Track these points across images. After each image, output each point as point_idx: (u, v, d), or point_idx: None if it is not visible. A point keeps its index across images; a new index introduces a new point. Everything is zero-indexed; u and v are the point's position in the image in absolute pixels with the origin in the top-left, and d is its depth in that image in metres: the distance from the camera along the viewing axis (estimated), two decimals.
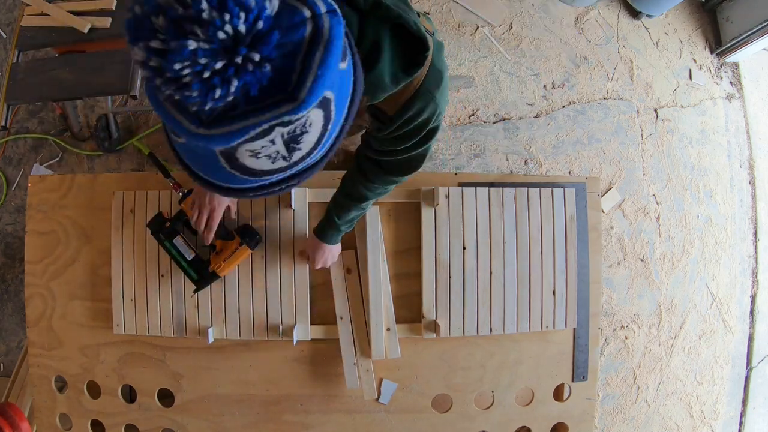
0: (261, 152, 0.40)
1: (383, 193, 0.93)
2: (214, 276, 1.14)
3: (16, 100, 1.43)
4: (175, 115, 0.36)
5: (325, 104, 0.39)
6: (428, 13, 2.14)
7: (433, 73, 0.66)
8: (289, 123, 0.37)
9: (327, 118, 0.41)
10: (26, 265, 1.25)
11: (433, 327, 1.19)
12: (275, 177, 0.45)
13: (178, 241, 1.13)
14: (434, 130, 0.74)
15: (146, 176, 1.23)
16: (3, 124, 1.41)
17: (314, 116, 0.39)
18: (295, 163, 0.43)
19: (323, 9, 0.37)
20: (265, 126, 0.36)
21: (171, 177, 1.13)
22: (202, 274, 1.13)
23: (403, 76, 0.62)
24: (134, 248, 1.19)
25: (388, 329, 1.18)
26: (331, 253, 1.12)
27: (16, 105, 1.85)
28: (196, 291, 1.14)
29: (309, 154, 0.43)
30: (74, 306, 1.23)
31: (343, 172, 0.97)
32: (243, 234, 1.13)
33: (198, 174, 0.46)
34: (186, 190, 1.13)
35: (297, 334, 1.16)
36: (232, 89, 0.33)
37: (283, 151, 0.41)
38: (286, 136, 0.39)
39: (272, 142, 0.39)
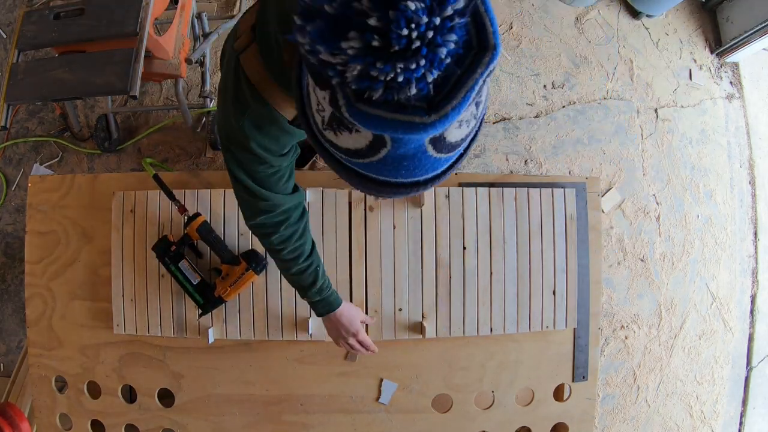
0: (464, 118, 0.39)
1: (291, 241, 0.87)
2: (220, 301, 1.14)
3: (16, 100, 1.43)
4: (399, 118, 0.34)
5: None
6: None
7: None
8: (491, 73, 0.35)
9: None
10: (26, 265, 1.25)
11: (433, 327, 1.19)
12: (467, 141, 0.44)
13: (184, 265, 1.13)
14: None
15: (146, 176, 1.23)
16: (3, 124, 1.40)
17: None
18: (478, 120, 0.43)
19: None
20: (480, 82, 0.34)
21: (176, 200, 1.13)
22: (207, 298, 1.14)
23: None
24: (134, 248, 1.19)
25: (400, 309, 1.18)
26: (345, 318, 1.01)
27: (16, 105, 1.85)
28: (201, 315, 1.15)
29: (484, 104, 0.43)
30: (74, 306, 1.23)
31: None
32: (249, 259, 1.13)
33: (402, 182, 0.44)
34: (191, 214, 1.13)
35: (312, 327, 1.16)
36: (450, 47, 0.32)
37: (473, 108, 0.40)
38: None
39: (477, 102, 0.38)
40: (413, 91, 0.32)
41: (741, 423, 2.11)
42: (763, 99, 2.26)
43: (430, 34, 0.31)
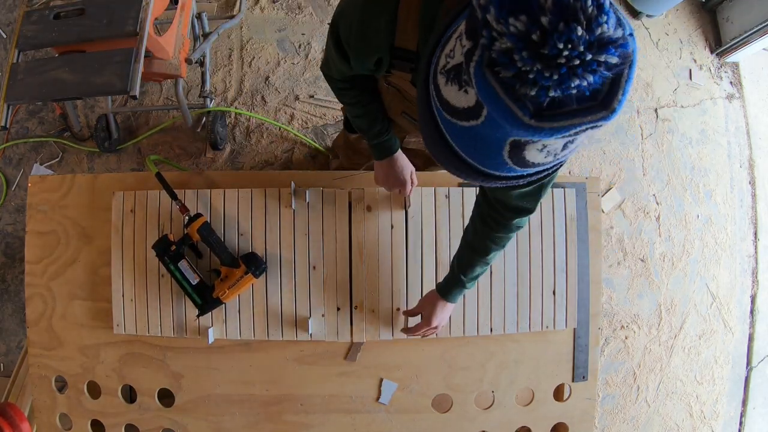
0: (548, 148, 0.42)
1: (505, 242, 0.93)
2: (218, 302, 1.14)
3: (16, 100, 1.43)
4: (507, 102, 0.37)
5: None
6: None
7: None
8: (596, 128, 0.38)
9: None
10: (26, 265, 1.25)
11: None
12: (535, 169, 0.46)
13: (183, 265, 1.13)
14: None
15: (146, 176, 1.23)
16: (3, 124, 1.40)
17: None
18: (557, 161, 0.46)
19: (629, 30, 0.39)
20: (582, 128, 0.38)
21: (178, 200, 1.14)
22: (206, 299, 1.14)
23: None
24: (134, 248, 1.19)
25: (398, 309, 1.18)
26: (447, 313, 1.08)
27: (16, 105, 1.85)
28: (199, 315, 1.15)
29: (569, 153, 0.46)
30: (74, 306, 1.23)
31: (340, 173, 0.97)
32: (249, 262, 1.13)
33: (463, 158, 0.47)
34: (192, 215, 1.13)
35: (312, 327, 1.16)
36: (584, 84, 0.35)
37: (559, 150, 0.43)
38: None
39: (569, 142, 0.41)
40: (532, 92, 0.35)
41: (741, 423, 2.11)
42: (763, 99, 2.26)
43: (576, 62, 0.34)
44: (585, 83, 0.35)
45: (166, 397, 1.22)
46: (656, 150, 2.14)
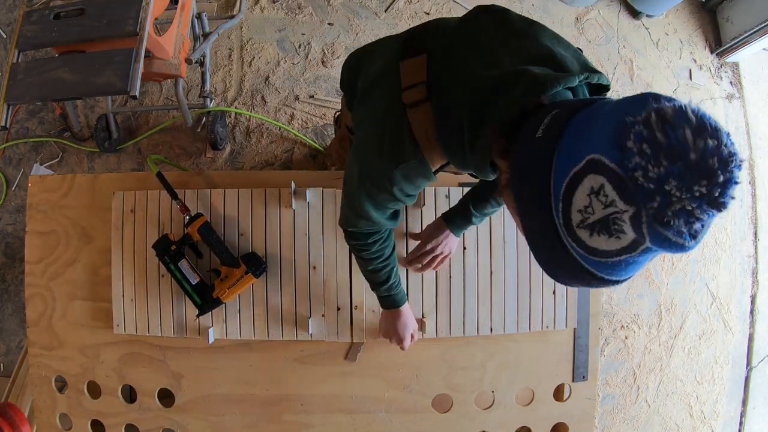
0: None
1: None
2: (218, 302, 1.14)
3: (16, 100, 1.43)
4: (676, 240, 0.41)
5: None
6: (429, 13, 2.14)
7: None
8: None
9: None
10: (26, 265, 1.25)
11: (434, 327, 1.19)
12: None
13: (183, 265, 1.13)
14: None
15: (146, 176, 1.23)
16: (3, 124, 1.40)
17: None
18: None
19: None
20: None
21: (179, 199, 1.13)
22: (205, 299, 1.14)
23: None
24: (134, 248, 1.19)
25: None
26: (451, 243, 1.11)
27: (16, 105, 1.85)
28: (198, 315, 1.15)
29: None
30: (74, 306, 1.23)
31: (340, 173, 0.97)
32: (249, 262, 1.13)
33: (606, 279, 0.50)
34: (193, 214, 1.13)
35: (312, 327, 1.16)
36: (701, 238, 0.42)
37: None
38: None
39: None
40: (697, 226, 0.41)
41: (741, 423, 2.11)
42: (763, 99, 2.26)
43: (700, 228, 0.41)
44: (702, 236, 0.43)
45: (166, 397, 1.22)
46: None
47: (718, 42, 2.23)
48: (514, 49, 0.64)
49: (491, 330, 1.20)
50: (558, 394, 1.26)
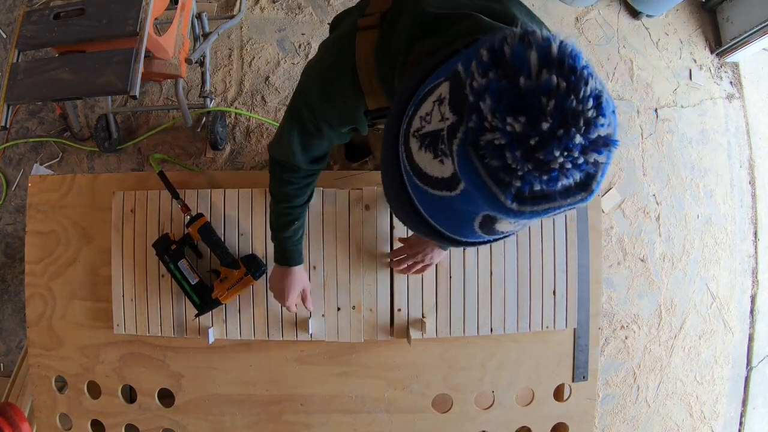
0: (521, 222, 0.41)
1: None
2: (217, 303, 1.14)
3: (16, 100, 1.43)
4: (489, 185, 0.35)
5: None
6: None
7: None
8: (572, 208, 0.38)
9: None
10: (26, 265, 1.25)
11: (434, 327, 1.19)
12: (502, 236, 0.45)
13: (183, 264, 1.13)
14: None
15: (146, 176, 1.23)
16: (3, 124, 1.40)
17: None
18: (522, 228, 0.45)
19: (613, 107, 0.38)
20: (563, 210, 0.37)
21: (180, 199, 1.13)
22: (204, 299, 1.14)
23: None
24: (134, 248, 1.19)
25: (399, 309, 1.18)
26: (435, 255, 1.08)
27: (16, 105, 1.85)
28: (197, 315, 1.15)
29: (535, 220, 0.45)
30: (74, 306, 1.23)
31: (340, 173, 0.97)
32: (249, 264, 1.13)
33: (430, 223, 0.45)
34: (194, 214, 1.13)
35: (312, 327, 1.16)
36: (570, 181, 0.35)
37: (531, 221, 0.42)
38: None
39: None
40: (518, 184, 0.34)
41: (741, 423, 2.11)
42: (763, 99, 2.26)
43: (569, 165, 0.33)
44: (572, 180, 0.35)
45: (166, 397, 1.22)
46: (656, 150, 2.14)
47: (718, 42, 2.23)
48: (478, 3, 0.60)
49: (491, 330, 1.20)
50: (558, 394, 1.26)
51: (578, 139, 0.32)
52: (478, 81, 0.34)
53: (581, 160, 0.34)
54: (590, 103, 0.32)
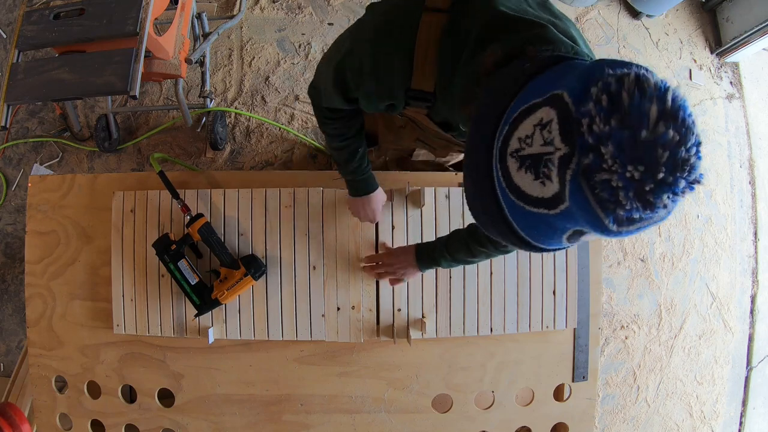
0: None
1: (495, 255, 0.94)
2: (217, 303, 1.14)
3: (16, 100, 1.43)
4: (597, 212, 0.39)
5: None
6: None
7: None
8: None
9: None
10: (26, 265, 1.25)
11: (434, 327, 1.19)
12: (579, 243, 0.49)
13: (183, 264, 1.13)
14: None
15: (146, 176, 1.23)
16: (3, 124, 1.40)
17: None
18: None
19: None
20: (652, 227, 0.42)
21: (180, 199, 1.14)
22: (204, 299, 1.14)
23: None
24: (134, 248, 1.19)
25: (399, 310, 1.18)
26: (409, 273, 1.09)
27: (16, 105, 1.85)
28: (197, 315, 1.15)
29: None
30: (74, 306, 1.23)
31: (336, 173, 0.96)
32: (248, 264, 1.13)
33: (516, 232, 0.48)
34: (194, 214, 1.13)
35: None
36: (665, 211, 0.39)
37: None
38: None
39: None
40: (622, 213, 0.38)
41: (741, 423, 2.11)
42: (763, 99, 2.26)
43: (669, 202, 0.38)
44: (666, 210, 0.39)
45: (166, 397, 1.22)
46: None
47: (718, 42, 2.23)
48: (543, 17, 0.62)
49: (491, 330, 1.20)
50: (558, 394, 1.26)
51: (682, 183, 0.37)
52: (599, 127, 0.37)
53: (680, 198, 0.38)
54: (694, 150, 0.37)
